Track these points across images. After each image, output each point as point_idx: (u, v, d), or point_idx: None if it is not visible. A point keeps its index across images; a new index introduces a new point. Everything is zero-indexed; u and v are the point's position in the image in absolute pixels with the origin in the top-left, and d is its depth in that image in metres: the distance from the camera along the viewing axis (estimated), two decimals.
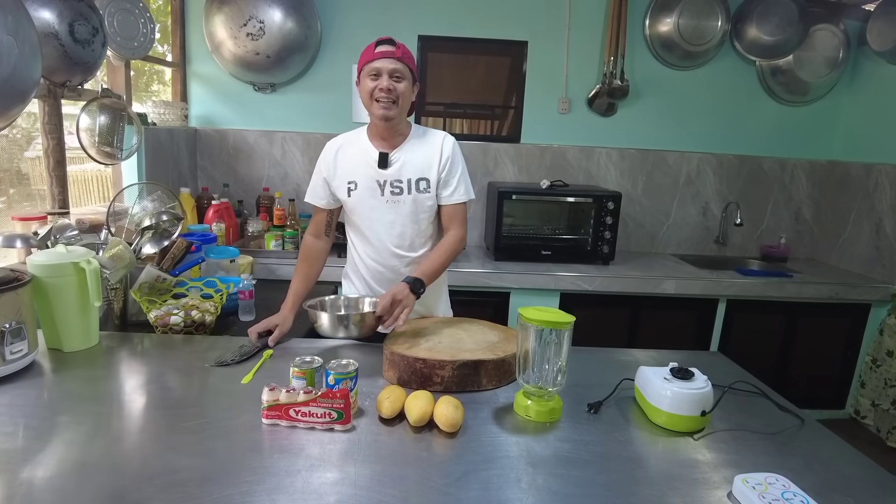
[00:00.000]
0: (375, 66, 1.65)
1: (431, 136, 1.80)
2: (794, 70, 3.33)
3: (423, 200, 1.78)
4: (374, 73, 1.65)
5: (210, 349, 1.66)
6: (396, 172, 1.75)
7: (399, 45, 1.67)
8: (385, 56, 1.64)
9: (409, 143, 1.77)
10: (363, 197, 1.78)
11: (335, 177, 1.81)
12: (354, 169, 1.78)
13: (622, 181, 3.45)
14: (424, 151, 1.77)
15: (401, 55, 1.65)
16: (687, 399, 1.29)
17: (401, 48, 1.67)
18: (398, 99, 1.66)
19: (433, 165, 1.76)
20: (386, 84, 1.64)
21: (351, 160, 1.79)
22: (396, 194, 1.76)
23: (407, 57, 1.68)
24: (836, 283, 3.04)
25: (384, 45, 1.66)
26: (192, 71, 3.21)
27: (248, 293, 2.10)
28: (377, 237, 1.82)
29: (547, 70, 3.31)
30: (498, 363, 1.46)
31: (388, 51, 1.65)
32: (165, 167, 2.87)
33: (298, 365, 1.30)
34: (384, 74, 1.64)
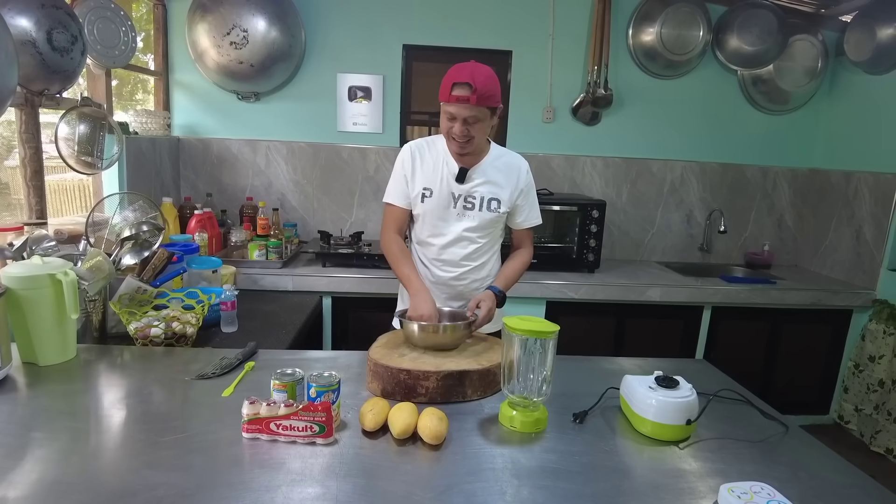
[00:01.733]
0: (450, 110, 1.63)
1: (510, 160, 1.84)
2: (774, 79, 3.37)
3: (491, 218, 1.82)
4: (450, 116, 1.64)
5: (191, 361, 1.63)
6: (471, 189, 1.79)
7: (477, 86, 1.57)
8: (460, 101, 1.59)
9: (488, 163, 1.80)
10: (435, 206, 1.81)
11: (413, 179, 1.83)
12: (432, 177, 1.80)
13: (607, 189, 3.47)
14: (503, 174, 1.81)
15: (477, 100, 1.58)
16: (672, 408, 1.29)
17: (478, 90, 1.57)
18: (472, 139, 1.68)
19: (508, 190, 1.81)
20: (460, 130, 1.64)
21: (431, 168, 1.81)
22: (468, 209, 1.81)
23: (484, 98, 1.60)
24: (818, 290, 3.07)
25: (460, 89, 1.59)
26: (174, 80, 3.19)
27: (231, 304, 2.07)
28: (440, 245, 1.85)
29: (531, 79, 3.33)
30: (483, 373, 1.45)
31: (463, 96, 1.58)
32: (147, 177, 2.84)
33: (279, 377, 1.28)
34: (459, 119, 1.63)
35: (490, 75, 1.63)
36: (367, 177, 3.32)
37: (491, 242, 1.90)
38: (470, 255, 1.86)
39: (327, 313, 2.80)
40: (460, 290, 1.89)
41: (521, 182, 1.83)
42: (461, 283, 1.88)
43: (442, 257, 1.87)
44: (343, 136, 3.29)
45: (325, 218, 3.37)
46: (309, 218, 3.37)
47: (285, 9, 3.03)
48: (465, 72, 1.59)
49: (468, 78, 1.57)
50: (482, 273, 1.90)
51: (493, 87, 1.63)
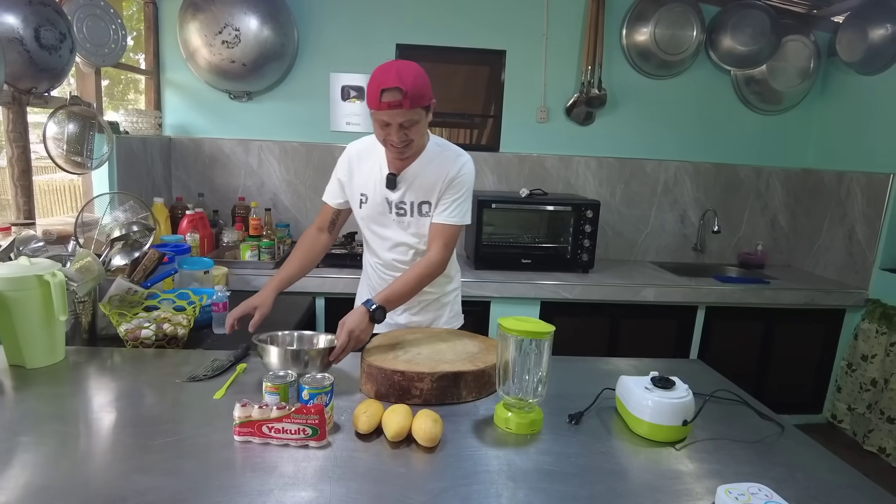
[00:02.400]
0: (382, 118, 1.53)
1: (444, 157, 1.72)
2: (767, 80, 3.38)
3: (425, 223, 1.75)
4: (383, 123, 1.55)
5: (182, 363, 1.61)
6: (402, 195, 1.72)
7: (407, 89, 1.47)
8: (392, 107, 1.49)
9: (421, 163, 1.70)
10: (372, 212, 1.77)
11: (350, 184, 1.80)
12: (367, 182, 1.75)
13: (601, 189, 3.47)
14: (433, 173, 1.70)
15: (410, 104, 1.49)
16: (668, 409, 1.28)
17: (409, 95, 1.47)
18: (411, 143, 1.60)
19: (437, 188, 1.70)
20: (396, 138, 1.56)
21: (367, 172, 1.75)
22: (402, 215, 1.75)
23: (417, 99, 1.50)
24: (811, 289, 3.08)
25: (390, 95, 1.47)
26: (166, 79, 3.16)
27: (222, 305, 2.05)
28: (384, 250, 1.83)
29: (525, 79, 3.32)
30: (478, 374, 1.44)
31: (395, 101, 1.48)
32: (138, 177, 2.81)
33: (272, 380, 1.27)
34: (393, 125, 1.54)
35: (418, 73, 1.52)
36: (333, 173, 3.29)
37: None
38: (412, 260, 1.80)
39: (320, 314, 2.78)
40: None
41: (449, 177, 1.69)
42: None
43: (386, 263, 1.84)
44: (336, 136, 3.27)
45: None
46: (301, 218, 3.35)
47: (278, 7, 3.01)
48: (391, 75, 1.47)
49: (397, 82, 1.46)
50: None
51: (424, 86, 1.52)
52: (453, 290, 1.95)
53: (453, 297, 1.97)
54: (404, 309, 1.88)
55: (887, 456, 2.87)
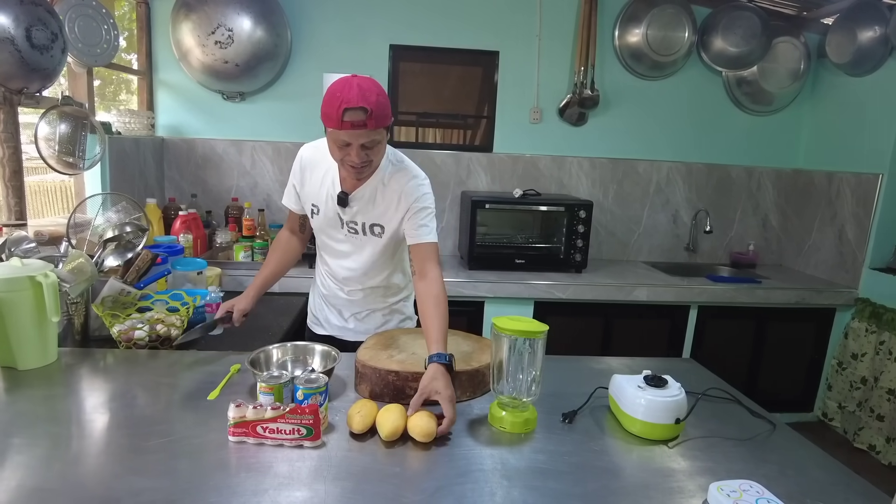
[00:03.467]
0: (343, 138, 1.41)
1: (396, 183, 1.63)
2: (758, 81, 3.41)
3: (377, 242, 1.71)
4: (343, 143, 1.44)
5: (176, 364, 1.61)
6: (353, 214, 1.68)
7: (371, 109, 1.37)
8: (356, 127, 1.38)
9: (374, 185, 1.63)
10: (323, 225, 1.74)
11: (302, 191, 1.76)
12: (318, 194, 1.70)
13: (593, 190, 3.48)
14: (385, 199, 1.64)
15: (374, 124, 1.39)
16: (661, 407, 1.29)
17: (373, 115, 1.38)
18: (371, 163, 1.51)
19: (390, 215, 1.65)
20: (356, 159, 1.45)
21: (318, 183, 1.69)
22: (352, 234, 1.72)
23: (381, 118, 1.41)
24: (802, 289, 3.11)
25: (353, 114, 1.36)
26: (158, 79, 3.15)
27: (216, 306, 2.03)
28: (334, 262, 1.81)
29: (518, 80, 3.33)
30: (472, 374, 1.44)
31: (359, 121, 1.37)
32: (131, 177, 2.80)
33: (266, 380, 1.27)
34: (354, 146, 1.43)
35: (381, 91, 1.42)
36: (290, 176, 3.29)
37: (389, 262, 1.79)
38: (364, 274, 1.78)
39: None
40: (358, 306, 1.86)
41: (413, 202, 1.62)
42: (355, 298, 1.83)
43: (334, 274, 1.82)
44: None
45: None
46: None
47: (271, 8, 3.00)
48: (353, 94, 1.36)
49: (360, 101, 1.35)
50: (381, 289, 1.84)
51: (387, 105, 1.43)
52: (402, 298, 1.92)
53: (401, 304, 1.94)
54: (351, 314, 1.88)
55: (877, 453, 2.90)
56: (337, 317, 1.91)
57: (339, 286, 1.84)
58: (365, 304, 1.86)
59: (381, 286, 1.83)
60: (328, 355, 1.53)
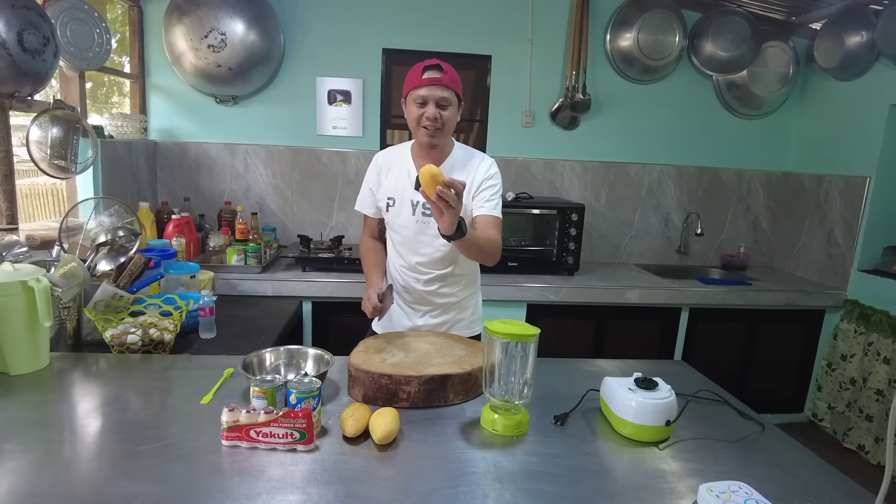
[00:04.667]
0: (421, 93, 1.63)
1: (471, 160, 1.78)
2: (748, 85, 3.44)
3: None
4: (421, 101, 1.64)
5: (169, 368, 1.60)
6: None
7: (446, 69, 1.63)
8: (432, 83, 1.61)
9: (448, 165, 1.75)
10: (399, 214, 1.81)
11: (378, 190, 1.86)
12: (395, 187, 1.81)
13: (585, 193, 3.51)
14: (463, 174, 1.74)
15: (448, 81, 1.62)
16: (651, 409, 1.30)
17: (448, 73, 1.63)
18: (444, 126, 1.66)
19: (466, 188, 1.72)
20: (432, 113, 1.63)
21: (395, 177, 1.81)
22: (427, 215, 1.76)
23: (454, 82, 1.65)
24: (792, 291, 3.14)
25: (431, 71, 1.62)
26: (151, 83, 3.14)
27: (209, 310, 2.05)
28: (406, 251, 1.86)
29: (510, 84, 3.35)
30: (465, 377, 1.45)
31: (435, 77, 1.61)
32: (123, 181, 2.79)
33: (259, 384, 1.27)
34: (430, 102, 1.63)
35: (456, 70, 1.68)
36: (347, 180, 3.31)
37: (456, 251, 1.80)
38: (431, 261, 1.84)
39: (307, 318, 2.78)
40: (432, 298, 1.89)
41: (479, 177, 1.75)
42: (430, 288, 1.88)
43: (410, 266, 1.87)
44: (323, 140, 3.27)
45: (304, 222, 3.35)
46: (288, 222, 3.35)
47: (264, 12, 3.01)
48: (434, 59, 1.65)
49: (439, 62, 1.63)
50: (453, 278, 1.88)
51: (459, 79, 1.67)
52: (472, 293, 1.98)
53: (474, 301, 2.00)
54: (425, 312, 1.91)
55: (866, 453, 2.93)
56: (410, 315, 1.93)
57: (414, 277, 1.88)
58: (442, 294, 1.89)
59: (454, 273, 1.87)
60: (321, 359, 1.53)
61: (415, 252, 1.85)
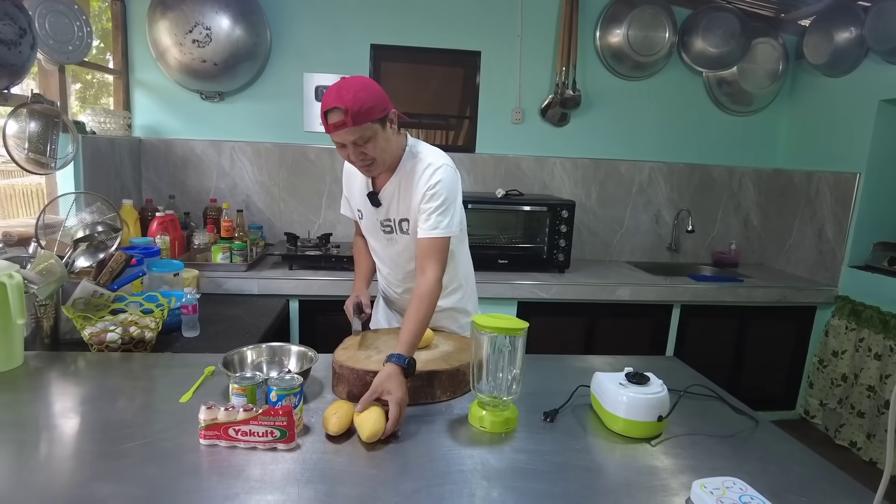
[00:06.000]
0: (335, 140, 1.48)
1: (414, 172, 1.60)
2: (738, 81, 3.43)
3: (409, 241, 1.68)
4: (338, 144, 1.50)
5: (150, 367, 1.56)
6: (385, 212, 1.68)
7: (347, 106, 1.39)
8: (337, 128, 1.43)
9: (398, 177, 1.62)
10: (368, 227, 1.78)
11: (351, 198, 1.81)
12: (359, 198, 1.74)
13: (576, 190, 3.48)
14: (409, 187, 1.61)
15: (354, 121, 1.40)
16: (643, 404, 1.28)
17: (350, 112, 1.39)
18: (374, 159, 1.51)
19: (413, 204, 1.61)
20: (355, 156, 1.51)
21: (358, 188, 1.74)
22: (388, 233, 1.72)
23: (361, 115, 1.41)
24: (783, 287, 3.12)
25: (332, 115, 1.42)
26: (135, 79, 3.08)
27: (192, 308, 2.00)
28: (383, 266, 1.85)
29: (500, 80, 3.32)
30: (452, 373, 1.42)
31: (339, 122, 1.41)
32: (106, 178, 2.74)
33: (238, 381, 1.23)
34: (348, 145, 1.48)
35: (361, 87, 1.43)
36: (336, 178, 3.26)
37: None
38: (405, 277, 1.79)
39: (294, 317, 2.74)
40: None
41: (418, 191, 1.58)
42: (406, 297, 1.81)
43: (385, 276, 1.87)
44: (310, 137, 3.23)
45: (292, 220, 3.31)
46: (275, 220, 3.30)
47: (250, 7, 2.96)
48: (331, 95, 1.41)
49: (336, 101, 1.40)
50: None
51: (369, 99, 1.42)
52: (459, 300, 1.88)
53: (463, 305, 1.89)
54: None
55: (858, 450, 2.92)
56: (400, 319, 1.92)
57: (393, 290, 1.87)
58: None
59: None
60: (304, 356, 1.49)
61: (387, 264, 1.82)
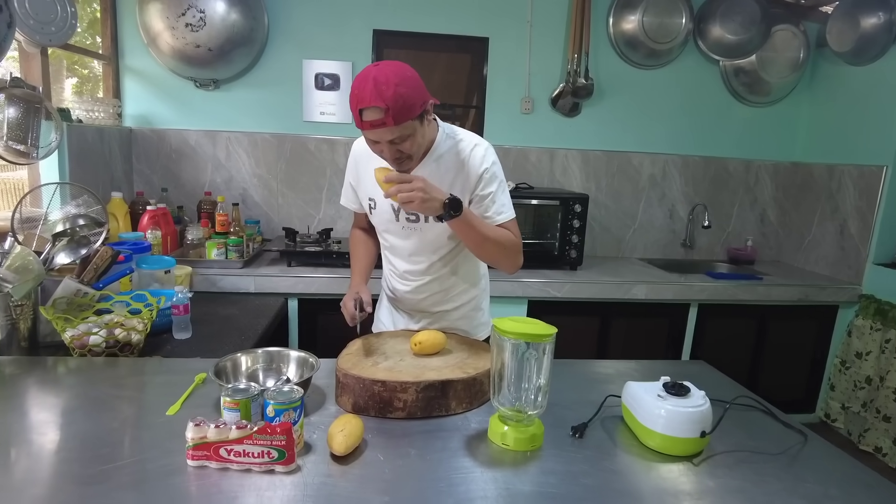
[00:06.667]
0: (370, 137, 1.35)
1: (459, 150, 1.48)
2: (756, 70, 3.28)
3: (443, 228, 1.50)
4: (372, 142, 1.36)
5: (135, 373, 1.43)
6: None
7: (388, 106, 1.24)
8: (375, 126, 1.27)
9: (432, 160, 1.47)
10: (381, 220, 1.60)
11: (359, 186, 1.63)
12: (373, 185, 1.51)
13: (587, 184, 3.34)
14: (450, 170, 1.48)
15: (394, 121, 1.26)
16: (684, 419, 1.14)
17: (392, 111, 1.24)
18: (411, 155, 1.38)
19: (457, 189, 1.47)
20: (390, 153, 1.36)
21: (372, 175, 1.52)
22: (412, 221, 1.54)
23: (403, 112, 1.26)
24: (805, 286, 2.99)
25: (370, 113, 1.26)
26: (125, 65, 2.93)
27: (183, 307, 1.86)
28: (395, 257, 1.66)
29: (509, 68, 3.17)
30: (468, 383, 1.28)
31: (378, 121, 1.26)
32: (94, 170, 2.59)
33: (230, 394, 1.09)
34: (383, 143, 1.33)
35: (401, 80, 1.27)
36: (337, 170, 3.12)
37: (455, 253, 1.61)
38: (427, 271, 1.62)
39: (293, 316, 2.60)
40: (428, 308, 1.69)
41: (472, 176, 1.48)
42: (421, 296, 1.67)
43: (399, 273, 1.67)
44: (310, 127, 3.08)
45: (290, 214, 3.16)
46: (273, 214, 3.16)
47: None
48: (368, 90, 1.24)
49: (375, 99, 1.24)
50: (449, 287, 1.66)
51: (410, 95, 1.27)
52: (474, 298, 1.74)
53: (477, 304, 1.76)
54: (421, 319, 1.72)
55: (884, 456, 2.79)
56: (407, 321, 1.74)
57: (407, 287, 1.67)
58: (437, 302, 1.68)
59: (451, 279, 1.65)
60: (304, 363, 1.35)
61: (404, 259, 1.63)
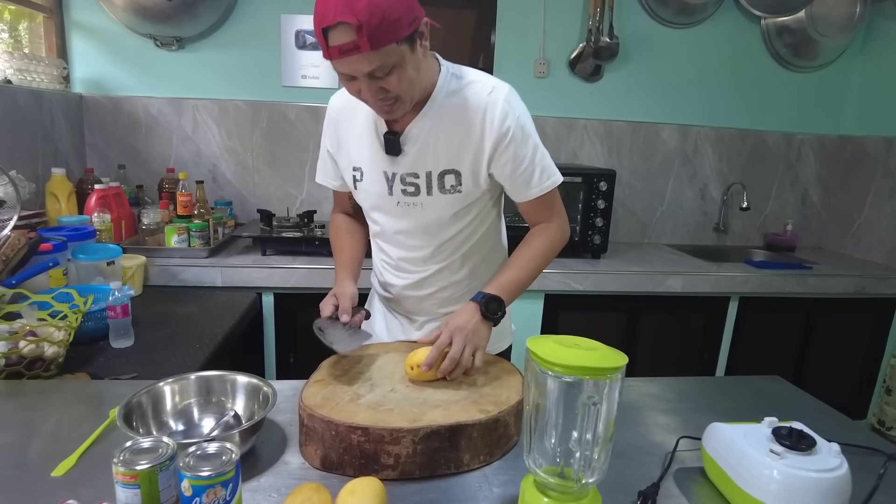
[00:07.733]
0: (342, 70, 0.99)
1: (471, 93, 1.11)
2: (804, 28, 2.86)
3: (451, 202, 1.16)
4: (346, 77, 1.01)
5: (38, 403, 1.05)
6: (410, 164, 1.15)
7: (360, 22, 0.90)
8: (345, 53, 0.93)
9: (433, 110, 1.12)
10: (369, 194, 1.23)
11: (339, 154, 1.26)
12: (359, 149, 1.20)
13: (609, 159, 2.94)
14: (458, 123, 1.11)
15: (370, 44, 0.92)
16: (812, 488, 0.77)
17: (365, 29, 0.90)
18: (398, 96, 1.03)
19: (470, 151, 1.12)
20: (369, 92, 1.01)
21: (356, 135, 1.20)
22: (410, 194, 1.17)
23: (381, 32, 0.92)
24: (863, 276, 2.60)
25: (337, 34, 0.92)
26: (71, 19, 2.51)
27: (121, 309, 1.48)
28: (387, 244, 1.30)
29: (521, 25, 2.75)
30: (488, 427, 0.89)
31: (347, 43, 0.92)
32: (29, 141, 2.19)
33: (125, 462, 0.70)
34: (361, 78, 0.99)
35: None
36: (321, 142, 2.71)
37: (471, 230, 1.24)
38: (432, 256, 1.25)
39: (268, 315, 2.20)
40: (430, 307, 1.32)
41: (492, 127, 1.10)
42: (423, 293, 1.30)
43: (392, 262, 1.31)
44: (290, 93, 2.67)
45: (268, 195, 2.76)
46: (248, 194, 2.75)
47: None
48: (332, 3, 0.90)
49: (342, 13, 0.90)
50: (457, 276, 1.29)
51: (391, 7, 0.93)
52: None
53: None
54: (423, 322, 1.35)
55: None
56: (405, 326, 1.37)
57: (405, 281, 1.31)
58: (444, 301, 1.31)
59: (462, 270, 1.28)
60: (257, 394, 0.96)
61: (399, 245, 1.27)
